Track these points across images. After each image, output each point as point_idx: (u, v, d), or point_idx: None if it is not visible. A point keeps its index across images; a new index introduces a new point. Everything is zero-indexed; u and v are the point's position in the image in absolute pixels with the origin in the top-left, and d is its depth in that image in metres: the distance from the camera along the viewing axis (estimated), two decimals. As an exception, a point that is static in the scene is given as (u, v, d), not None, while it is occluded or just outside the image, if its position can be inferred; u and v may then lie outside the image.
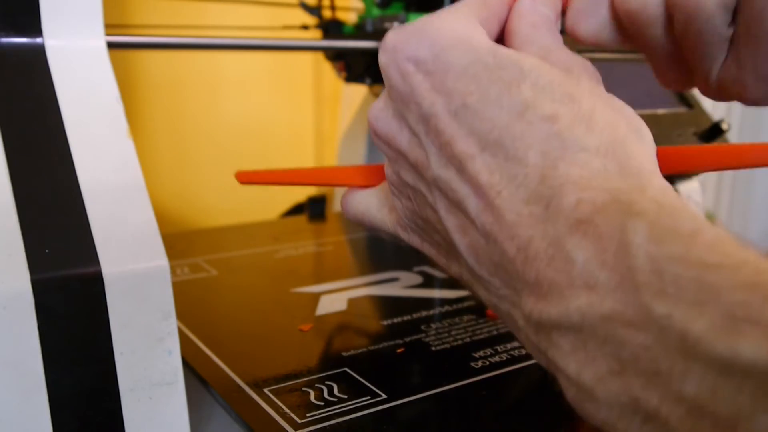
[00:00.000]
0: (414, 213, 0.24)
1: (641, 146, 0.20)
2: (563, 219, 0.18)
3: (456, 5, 0.23)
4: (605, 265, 0.16)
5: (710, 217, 1.47)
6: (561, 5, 0.25)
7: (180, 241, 0.58)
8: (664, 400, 0.15)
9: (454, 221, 0.22)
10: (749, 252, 0.15)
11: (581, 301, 0.17)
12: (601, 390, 0.16)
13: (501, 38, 0.24)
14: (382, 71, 0.23)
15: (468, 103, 0.20)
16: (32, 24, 0.30)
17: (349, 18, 0.68)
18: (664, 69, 0.26)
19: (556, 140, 0.19)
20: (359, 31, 0.59)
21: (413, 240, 0.26)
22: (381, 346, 0.37)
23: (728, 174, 1.54)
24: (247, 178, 0.29)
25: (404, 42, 0.22)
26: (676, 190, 0.19)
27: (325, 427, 0.29)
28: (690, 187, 0.56)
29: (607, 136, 0.19)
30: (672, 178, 0.55)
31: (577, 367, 0.17)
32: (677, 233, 0.16)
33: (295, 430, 0.28)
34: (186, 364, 0.35)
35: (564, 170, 0.19)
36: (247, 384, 0.32)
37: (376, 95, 0.68)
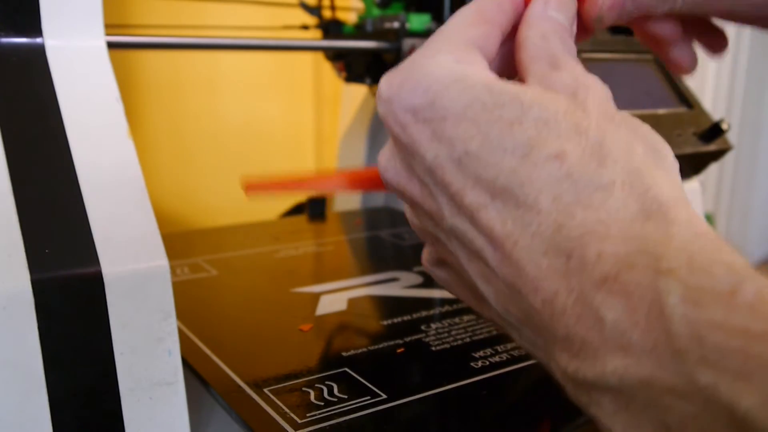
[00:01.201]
0: (436, 255, 0.24)
1: (660, 170, 0.19)
2: (587, 274, 0.17)
3: (447, 29, 0.22)
4: (637, 326, 0.16)
5: (710, 218, 1.47)
6: (575, 7, 0.24)
7: (180, 241, 0.58)
8: None
9: (476, 270, 0.21)
10: None
11: (617, 363, 0.16)
12: None
13: (511, 45, 0.23)
14: (382, 121, 0.22)
15: (470, 150, 0.19)
16: (32, 24, 0.30)
17: (349, 18, 0.68)
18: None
19: (566, 182, 0.18)
20: (359, 31, 0.59)
21: (443, 282, 0.25)
22: (381, 346, 0.37)
23: (728, 174, 1.54)
24: (253, 187, 0.29)
25: (398, 92, 0.21)
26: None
27: (325, 427, 0.29)
28: (690, 187, 0.56)
29: (622, 166, 0.18)
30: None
31: (623, 428, 0.16)
32: (715, 293, 0.15)
33: (295, 430, 0.28)
34: (186, 364, 0.35)
35: (581, 218, 0.17)
36: (247, 384, 0.32)
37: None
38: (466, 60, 0.21)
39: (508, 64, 0.24)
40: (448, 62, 0.20)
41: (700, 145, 0.52)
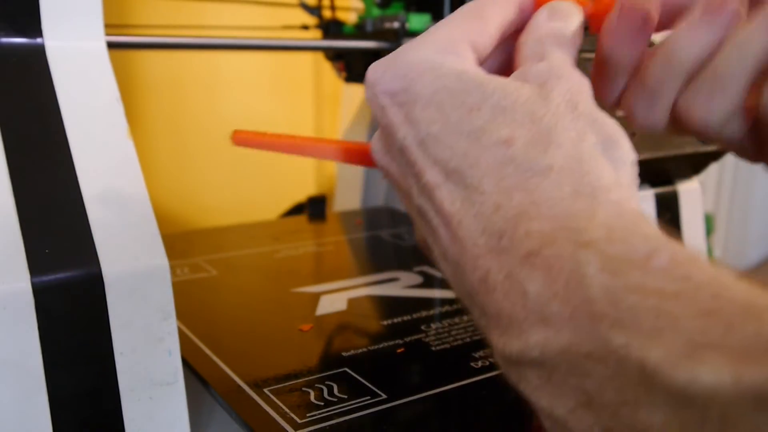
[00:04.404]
0: (421, 235, 0.25)
1: (605, 160, 0.19)
2: (514, 251, 0.18)
3: (442, 22, 0.23)
4: (556, 296, 0.16)
5: (710, 218, 1.47)
6: (581, 21, 0.24)
7: (180, 241, 0.58)
8: None
9: (437, 250, 0.22)
10: (705, 269, 0.15)
11: (538, 336, 0.16)
12: (574, 423, 0.16)
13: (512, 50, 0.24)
14: (368, 104, 0.23)
15: (431, 132, 0.20)
16: (32, 24, 0.30)
17: (349, 18, 0.68)
18: None
19: (510, 165, 0.19)
20: (359, 31, 0.59)
21: (430, 259, 0.26)
22: (381, 346, 0.37)
23: (728, 174, 1.54)
24: (242, 139, 0.29)
25: (381, 76, 0.22)
26: (675, 192, 0.19)
27: (325, 427, 0.29)
28: (690, 187, 0.56)
29: (564, 152, 0.19)
30: (671, 179, 0.55)
31: (548, 401, 0.17)
32: (630, 260, 0.15)
33: (295, 430, 0.28)
34: (186, 364, 0.35)
35: (517, 200, 0.18)
36: (247, 384, 0.32)
37: (376, 95, 0.68)
38: (449, 51, 0.22)
39: (507, 67, 0.25)
40: (429, 52, 0.22)
41: (700, 145, 0.52)
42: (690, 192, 0.56)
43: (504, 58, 0.25)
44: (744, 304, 0.14)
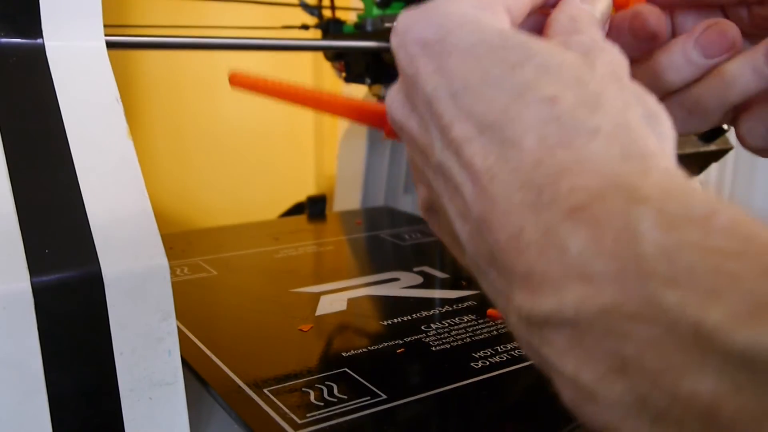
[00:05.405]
0: (428, 198, 0.24)
1: (649, 130, 0.19)
2: (556, 207, 0.17)
3: None
4: (603, 253, 0.15)
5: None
6: (611, 10, 0.24)
7: (180, 241, 0.58)
8: (675, 401, 0.13)
9: (454, 209, 0.21)
10: None
11: (576, 294, 0.15)
12: (603, 390, 0.15)
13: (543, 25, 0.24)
14: (393, 54, 0.22)
15: (468, 85, 0.20)
16: (32, 25, 0.30)
17: (349, 18, 0.68)
18: None
19: (554, 124, 0.18)
20: (359, 31, 0.59)
21: (432, 225, 0.25)
22: (381, 346, 0.37)
23: (728, 174, 1.54)
24: (239, 80, 0.28)
25: (413, 24, 0.21)
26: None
27: (325, 427, 0.29)
28: (690, 187, 0.56)
29: (612, 118, 0.18)
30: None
31: (575, 366, 0.16)
32: (689, 218, 0.14)
33: (295, 430, 0.28)
34: (186, 364, 0.34)
35: (561, 157, 0.17)
36: (247, 384, 0.32)
37: (376, 95, 0.68)
38: (487, 8, 0.21)
39: None
40: (466, 6, 0.21)
41: (701, 145, 0.52)
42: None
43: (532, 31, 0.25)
44: None
